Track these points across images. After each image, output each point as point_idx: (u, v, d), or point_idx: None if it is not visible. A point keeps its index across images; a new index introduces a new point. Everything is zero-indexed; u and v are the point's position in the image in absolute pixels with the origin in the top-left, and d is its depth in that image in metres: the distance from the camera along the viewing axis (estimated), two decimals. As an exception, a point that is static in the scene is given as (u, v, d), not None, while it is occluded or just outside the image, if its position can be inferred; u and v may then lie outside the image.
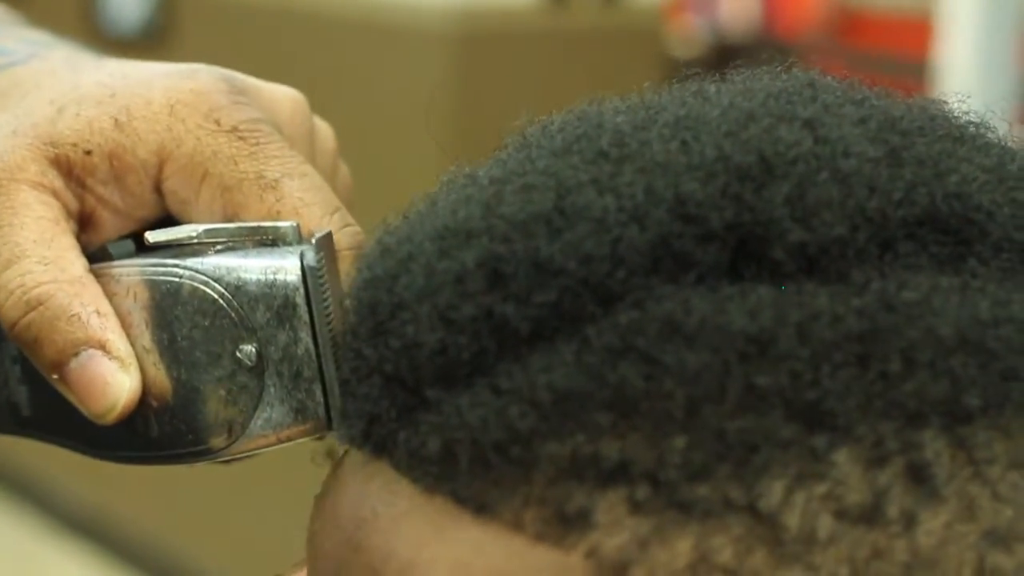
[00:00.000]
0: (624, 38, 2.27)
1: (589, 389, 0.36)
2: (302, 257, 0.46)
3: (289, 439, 0.47)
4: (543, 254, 0.38)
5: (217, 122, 0.49)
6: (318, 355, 0.45)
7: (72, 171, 0.49)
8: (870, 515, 0.35)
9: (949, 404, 0.36)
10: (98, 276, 0.48)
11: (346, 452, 0.43)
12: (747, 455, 0.35)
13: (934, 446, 0.35)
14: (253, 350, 0.46)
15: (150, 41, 2.46)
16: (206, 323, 0.46)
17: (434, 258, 0.40)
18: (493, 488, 0.37)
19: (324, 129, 0.55)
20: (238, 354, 0.46)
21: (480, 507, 0.37)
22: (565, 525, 0.36)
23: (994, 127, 0.43)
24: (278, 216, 0.48)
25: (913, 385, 0.36)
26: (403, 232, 0.42)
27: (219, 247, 0.47)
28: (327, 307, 0.45)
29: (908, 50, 3.16)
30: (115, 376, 0.46)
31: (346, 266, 0.47)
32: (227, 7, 2.44)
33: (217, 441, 0.47)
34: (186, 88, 0.49)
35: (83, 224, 0.50)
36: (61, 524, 2.84)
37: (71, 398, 0.47)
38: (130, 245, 0.50)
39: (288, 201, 0.48)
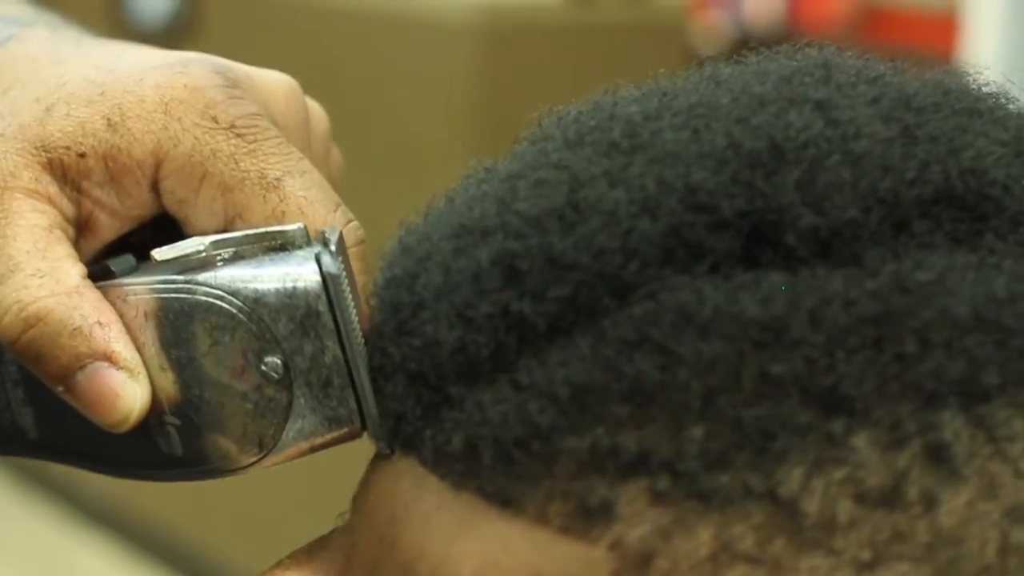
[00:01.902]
0: (648, 34, 2.27)
1: (606, 382, 0.37)
2: (318, 262, 0.44)
3: (323, 446, 0.45)
4: (556, 249, 0.38)
5: (214, 119, 0.47)
6: (346, 361, 0.44)
7: (67, 175, 0.47)
8: (890, 498, 0.35)
9: (966, 383, 0.35)
10: (105, 295, 0.46)
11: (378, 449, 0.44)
12: (765, 443, 0.35)
13: (952, 426, 0.35)
14: (279, 362, 0.44)
15: (176, 34, 2.47)
16: (226, 339, 0.45)
17: (451, 257, 0.40)
18: (517, 483, 0.37)
19: (317, 111, 0.54)
20: (263, 367, 0.44)
21: (505, 502, 0.38)
22: (588, 518, 0.36)
23: (1015, 99, 0.42)
24: (282, 216, 0.47)
25: (929, 366, 0.35)
26: (422, 230, 0.42)
27: (227, 257, 0.45)
28: (352, 311, 0.44)
29: (933, 45, 3.14)
30: (124, 387, 0.45)
31: (355, 264, 0.47)
32: (253, 1, 2.44)
33: (247, 455, 0.45)
34: (179, 84, 0.48)
35: (81, 228, 0.48)
36: (85, 516, 2.85)
37: (81, 410, 0.46)
38: (131, 260, 0.48)
39: (292, 201, 0.47)
